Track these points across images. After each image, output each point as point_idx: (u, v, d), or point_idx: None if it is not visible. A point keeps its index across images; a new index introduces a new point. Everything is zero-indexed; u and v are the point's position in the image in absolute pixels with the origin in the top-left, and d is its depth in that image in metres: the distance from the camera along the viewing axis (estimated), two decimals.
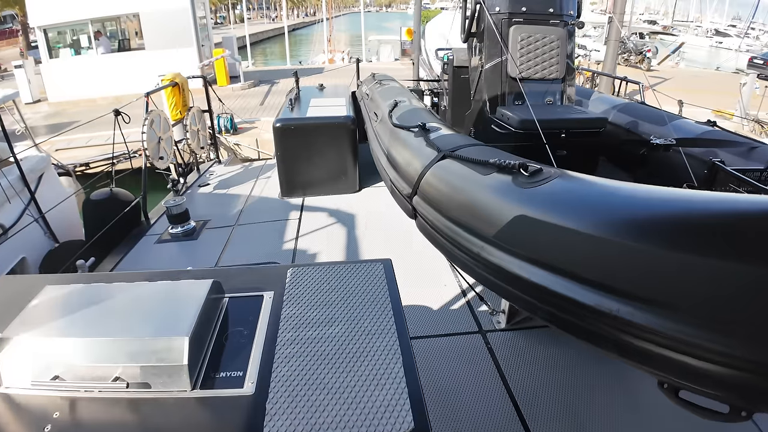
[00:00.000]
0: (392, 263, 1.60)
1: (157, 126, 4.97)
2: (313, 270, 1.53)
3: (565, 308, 1.60)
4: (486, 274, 2.03)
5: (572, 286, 1.56)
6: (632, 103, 4.92)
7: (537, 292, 1.71)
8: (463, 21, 4.27)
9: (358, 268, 1.55)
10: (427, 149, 2.79)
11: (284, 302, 1.36)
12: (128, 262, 3.97)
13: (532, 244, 1.76)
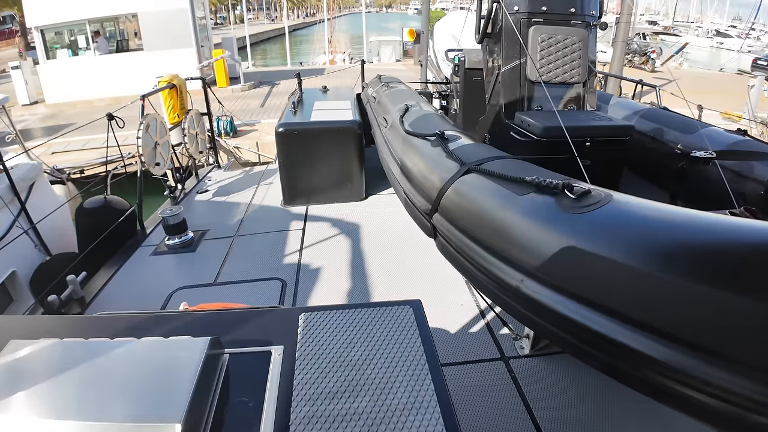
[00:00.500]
0: (421, 305, 1.35)
1: (153, 130, 4.73)
2: (329, 316, 1.29)
3: (623, 356, 1.39)
4: (520, 307, 1.80)
5: (636, 335, 1.33)
6: (655, 108, 4.67)
7: (585, 335, 1.49)
8: (478, 21, 4.03)
9: (382, 313, 1.31)
10: (447, 161, 2.55)
11: (297, 361, 1.13)
12: (122, 276, 3.73)
13: (583, 280, 1.52)
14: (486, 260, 1.95)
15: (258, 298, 3.27)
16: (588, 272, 1.51)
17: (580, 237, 1.58)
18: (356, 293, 3.34)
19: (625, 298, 1.38)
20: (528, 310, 1.74)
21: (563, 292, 1.56)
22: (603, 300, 1.43)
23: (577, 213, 1.67)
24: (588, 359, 1.57)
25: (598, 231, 1.57)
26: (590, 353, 1.53)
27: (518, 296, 1.76)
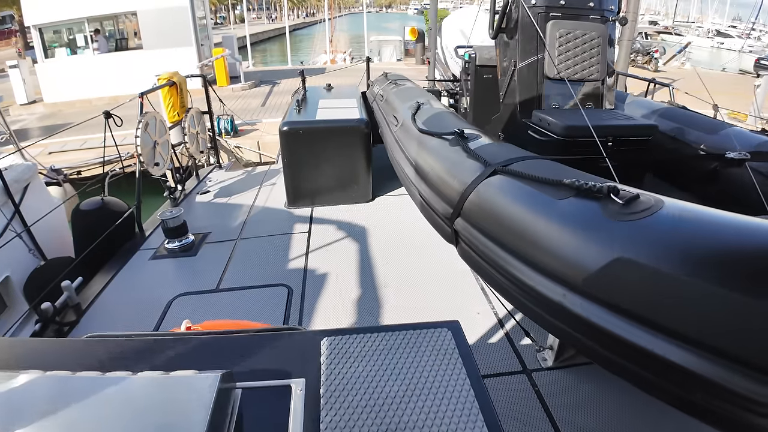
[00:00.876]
0: (459, 325, 1.19)
1: (152, 129, 4.55)
2: (356, 341, 1.11)
3: (681, 379, 1.29)
4: (559, 322, 1.65)
5: (694, 355, 1.23)
6: (674, 108, 4.49)
7: (638, 354, 1.36)
8: (492, 16, 3.85)
9: (416, 337, 1.13)
10: (469, 162, 2.36)
11: (323, 398, 0.95)
12: (119, 281, 3.55)
13: (638, 295, 1.38)
14: (520, 271, 1.78)
15: (263, 306, 3.10)
16: (644, 287, 1.36)
17: (633, 247, 1.43)
18: (366, 302, 3.17)
19: (685, 316, 1.26)
20: (569, 325, 1.60)
21: (613, 307, 1.42)
22: (659, 318, 1.31)
23: (627, 220, 1.51)
24: (638, 381, 1.45)
25: (652, 241, 1.42)
26: (641, 374, 1.41)
27: (559, 311, 1.60)
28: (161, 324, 2.95)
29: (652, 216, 1.48)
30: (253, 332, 1.22)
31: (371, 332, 1.14)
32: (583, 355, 1.69)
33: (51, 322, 2.98)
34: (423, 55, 20.24)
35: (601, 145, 3.12)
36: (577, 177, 1.83)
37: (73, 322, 3.05)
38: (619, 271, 1.43)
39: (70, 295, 3.24)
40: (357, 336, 1.13)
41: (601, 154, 2.93)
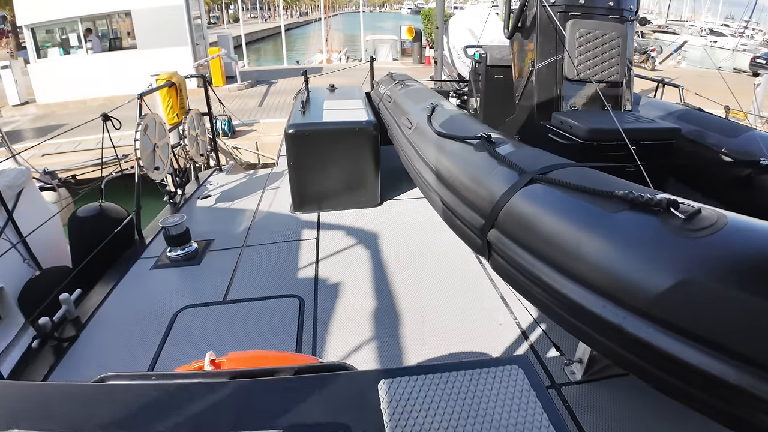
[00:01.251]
0: (530, 361, 1.04)
1: (151, 132, 4.37)
2: (417, 384, 0.96)
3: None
4: (615, 346, 1.54)
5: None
6: (691, 110, 4.36)
7: (707, 382, 1.30)
8: (507, 15, 3.71)
9: (484, 378, 0.98)
10: (501, 168, 2.22)
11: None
12: (120, 292, 3.37)
13: (708, 319, 1.29)
14: (570, 289, 1.66)
15: (274, 319, 2.93)
16: (715, 309, 1.28)
17: (701, 267, 1.34)
18: (384, 314, 3.01)
19: (759, 341, 1.21)
20: (626, 347, 1.50)
21: (679, 330, 1.34)
22: (731, 342, 1.25)
23: (691, 237, 1.42)
24: (702, 406, 1.40)
25: (721, 260, 1.33)
26: (707, 399, 1.35)
27: (616, 332, 1.49)
28: (167, 339, 2.78)
29: (718, 233, 1.39)
30: (297, 373, 1.06)
31: (433, 372, 1.00)
32: (639, 377, 1.57)
33: (49, 338, 2.80)
34: (420, 54, 20.12)
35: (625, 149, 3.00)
36: (627, 188, 1.73)
37: (72, 338, 2.87)
38: (687, 293, 1.34)
39: (68, 309, 3.06)
40: (418, 378, 0.98)
41: (626, 158, 2.82)
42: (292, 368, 1.10)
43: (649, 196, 1.59)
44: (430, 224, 4.16)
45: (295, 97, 5.88)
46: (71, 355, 2.72)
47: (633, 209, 1.63)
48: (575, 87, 3.56)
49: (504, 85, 4.58)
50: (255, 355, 1.46)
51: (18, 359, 2.77)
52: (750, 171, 3.15)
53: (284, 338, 2.74)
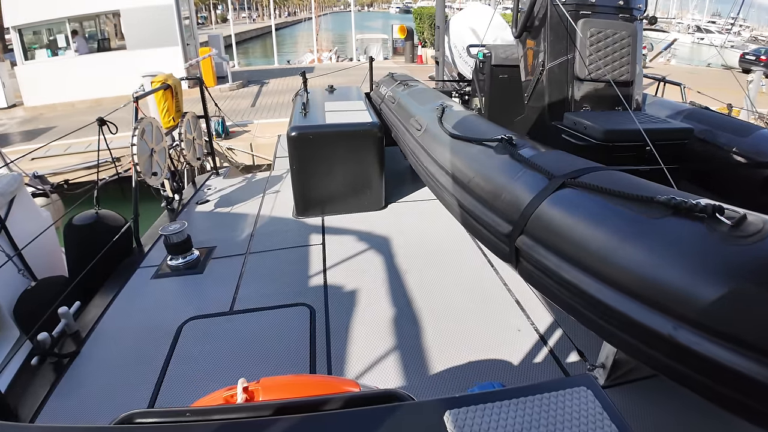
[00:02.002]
0: (594, 380, 0.97)
1: (148, 136, 4.24)
2: (485, 414, 0.87)
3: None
4: (661, 355, 1.51)
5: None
6: (699, 109, 4.31)
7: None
8: (516, 15, 3.64)
9: (552, 401, 0.91)
10: (527, 173, 2.14)
11: None
12: (121, 304, 3.23)
13: (756, 328, 1.27)
14: (613, 299, 1.61)
15: (285, 330, 2.82)
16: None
17: (753, 275, 1.32)
18: (399, 321, 2.92)
19: None
20: (675, 359, 1.46)
21: (733, 341, 1.31)
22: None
23: (739, 244, 1.38)
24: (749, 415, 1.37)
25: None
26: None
27: (664, 343, 1.46)
28: (173, 352, 2.66)
29: (767, 239, 1.37)
30: (348, 403, 0.96)
31: (500, 399, 0.92)
32: (684, 384, 1.52)
33: (49, 354, 2.67)
34: (412, 53, 20.04)
35: (640, 149, 2.94)
36: (666, 192, 1.70)
37: (73, 353, 2.73)
38: (740, 301, 1.32)
39: (68, 322, 2.92)
40: (485, 407, 0.90)
41: (639, 158, 2.78)
42: (342, 398, 1.00)
43: (693, 201, 1.55)
44: (436, 228, 4.07)
45: (293, 98, 5.75)
46: (72, 373, 2.59)
47: (676, 215, 1.59)
48: (586, 87, 3.49)
49: (509, 85, 4.51)
50: (291, 381, 1.36)
51: (14, 375, 2.65)
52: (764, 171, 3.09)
53: (297, 351, 2.64)
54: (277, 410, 0.92)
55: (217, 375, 2.48)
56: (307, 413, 0.90)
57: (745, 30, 41.86)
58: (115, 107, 4.51)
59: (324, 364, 2.53)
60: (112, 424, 0.93)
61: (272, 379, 1.23)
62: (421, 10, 22.63)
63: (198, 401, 1.23)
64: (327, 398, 0.99)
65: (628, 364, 2.34)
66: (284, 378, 1.34)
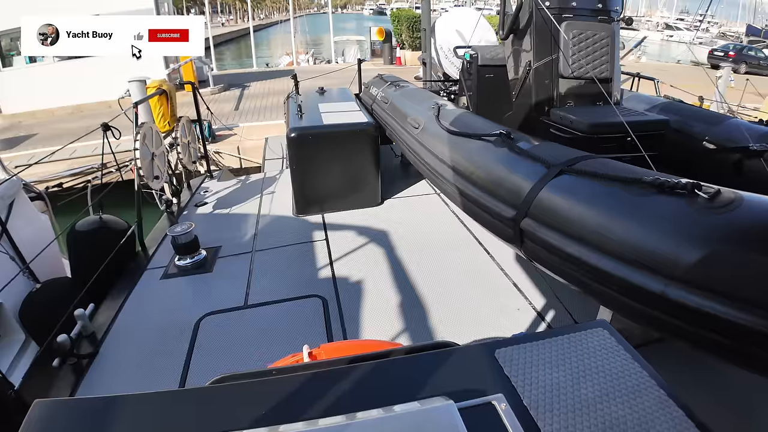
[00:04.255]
0: (609, 324, 1.18)
1: (149, 140, 4.34)
2: (526, 351, 1.07)
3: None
4: (657, 312, 1.75)
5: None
6: (672, 102, 4.61)
7: (744, 335, 1.51)
8: (502, 17, 3.85)
9: (577, 340, 1.11)
10: (526, 162, 2.37)
11: (532, 411, 0.91)
12: (133, 305, 3.32)
13: (740, 281, 1.53)
14: (611, 267, 1.86)
15: (300, 320, 2.98)
16: (746, 272, 1.52)
17: (728, 239, 1.61)
18: (408, 306, 3.11)
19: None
20: (668, 313, 1.71)
21: (715, 294, 1.55)
22: (760, 297, 1.47)
23: (717, 214, 1.66)
24: (748, 361, 1.62)
25: (749, 231, 1.60)
26: (747, 353, 1.57)
27: (656, 301, 1.70)
28: (194, 346, 2.78)
29: (737, 210, 1.64)
30: (409, 353, 1.13)
31: (535, 339, 1.10)
32: (681, 341, 1.76)
33: (69, 356, 2.72)
34: (391, 55, 20.21)
35: (621, 140, 3.19)
36: (650, 175, 1.96)
37: (91, 354, 2.79)
38: (719, 260, 1.57)
39: (84, 324, 2.96)
40: (526, 345, 1.08)
41: (620, 148, 3.04)
42: (403, 349, 1.17)
43: (675, 180, 1.81)
44: (432, 220, 4.28)
45: (285, 101, 5.88)
46: (93, 373, 2.66)
47: (661, 193, 1.84)
48: (569, 84, 3.71)
49: (495, 84, 4.72)
50: (347, 345, 1.52)
51: (31, 377, 2.70)
52: (739, 156, 3.35)
53: (315, 337, 2.79)
54: (349, 362, 1.08)
55: (243, 362, 2.60)
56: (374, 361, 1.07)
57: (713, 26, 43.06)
58: (96, 113, 4.59)
59: None
60: (207, 385, 1.07)
61: (330, 345, 1.39)
62: (399, 12, 22.78)
63: (269, 366, 1.38)
64: (391, 350, 1.16)
65: (621, 333, 2.57)
66: (340, 343, 1.50)
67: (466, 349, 1.12)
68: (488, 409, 0.89)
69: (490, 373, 1.00)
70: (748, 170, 3.29)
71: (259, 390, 0.98)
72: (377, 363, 1.05)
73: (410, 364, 1.06)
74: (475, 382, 0.98)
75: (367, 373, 1.01)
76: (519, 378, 0.98)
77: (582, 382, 0.97)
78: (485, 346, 1.08)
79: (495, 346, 1.07)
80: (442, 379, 0.99)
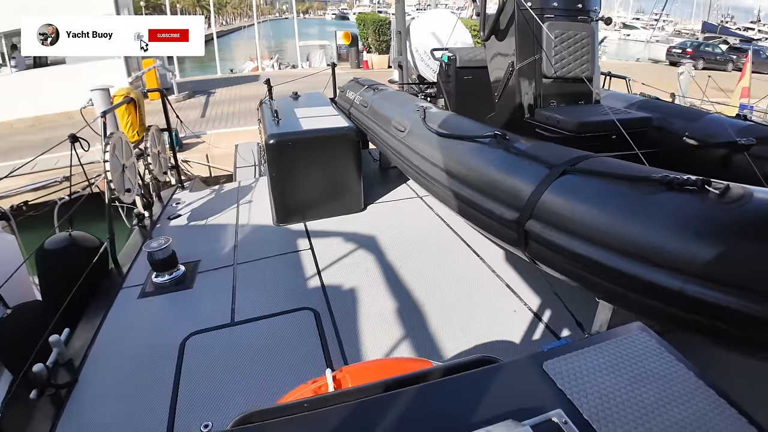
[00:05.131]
0: (645, 326, 1.14)
1: (119, 151, 4.13)
2: (573, 360, 1.02)
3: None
4: (674, 309, 1.74)
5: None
6: (649, 99, 4.67)
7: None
8: (483, 19, 3.81)
9: (619, 345, 1.08)
10: (527, 164, 2.33)
11: (595, 424, 0.87)
12: (111, 327, 3.09)
13: (752, 273, 1.55)
14: (624, 266, 1.84)
15: (294, 335, 2.84)
16: (761, 265, 1.54)
17: (747, 232, 1.61)
18: (403, 314, 3.01)
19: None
20: (686, 309, 1.69)
21: (733, 288, 1.55)
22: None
23: (730, 209, 1.66)
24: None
25: (764, 224, 1.60)
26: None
27: (674, 298, 1.69)
28: (181, 370, 2.61)
29: (748, 204, 1.65)
30: (447, 373, 1.05)
31: (577, 348, 1.05)
32: (698, 335, 1.74)
33: (47, 386, 2.49)
34: (358, 59, 20.15)
35: (606, 138, 3.19)
36: (657, 173, 1.95)
37: (70, 383, 2.57)
38: (740, 255, 1.59)
39: (60, 351, 2.74)
40: (571, 355, 1.03)
41: (605, 146, 3.01)
42: (441, 369, 1.08)
43: (684, 177, 1.80)
44: (418, 225, 4.21)
45: (258, 106, 5.72)
46: (74, 403, 2.45)
47: (670, 190, 1.82)
48: (553, 84, 3.70)
49: (474, 86, 4.69)
50: (371, 366, 1.42)
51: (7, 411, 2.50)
52: (726, 151, 3.38)
53: (311, 353, 2.67)
54: (386, 388, 0.99)
55: (237, 386, 2.45)
56: (416, 385, 0.98)
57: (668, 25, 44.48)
58: (57, 125, 4.38)
59: (340, 362, 2.58)
60: (230, 428, 0.96)
61: (353, 367, 1.29)
62: (364, 16, 22.77)
63: (284, 398, 1.27)
64: (429, 370, 1.07)
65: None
66: (363, 364, 1.40)
67: (513, 365, 1.06)
68: (551, 427, 0.83)
69: (542, 388, 0.95)
70: (736, 165, 3.32)
71: (297, 430, 0.87)
72: (420, 388, 0.96)
73: (456, 385, 0.98)
74: (530, 400, 0.92)
75: (412, 399, 0.92)
76: (573, 390, 0.93)
77: (636, 389, 0.93)
78: (531, 359, 1.03)
79: (541, 357, 1.02)
80: (494, 399, 0.93)
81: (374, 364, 1.46)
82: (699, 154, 3.65)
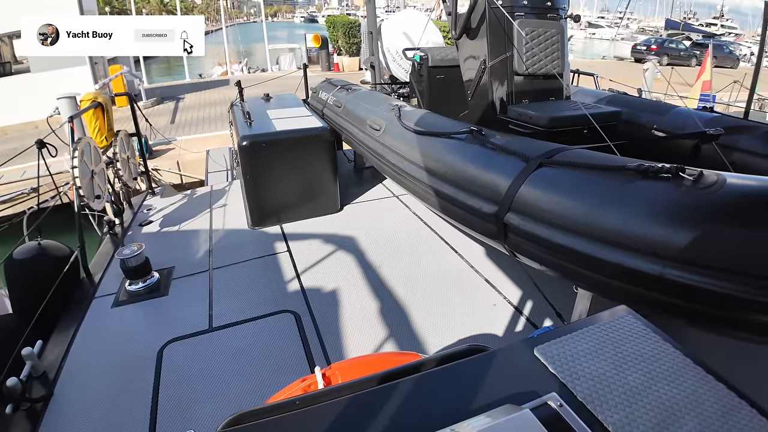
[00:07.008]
0: (631, 309, 1.17)
1: (88, 157, 4.03)
2: (562, 345, 1.04)
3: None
4: (656, 294, 1.78)
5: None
6: (617, 94, 4.80)
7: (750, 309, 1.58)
8: (454, 18, 3.84)
9: (605, 328, 1.10)
10: (503, 158, 2.36)
11: (589, 406, 0.88)
12: (85, 338, 3.00)
13: (729, 255, 1.60)
14: (604, 254, 1.88)
15: (275, 339, 2.81)
16: (738, 248, 1.59)
17: (721, 215, 1.66)
18: (383, 311, 3.02)
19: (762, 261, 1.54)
20: (666, 293, 1.74)
21: (711, 269, 1.60)
22: (754, 269, 1.53)
23: (705, 194, 1.71)
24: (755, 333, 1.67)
25: (736, 207, 1.66)
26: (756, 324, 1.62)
27: (654, 282, 1.73)
28: (161, 379, 2.56)
29: (724, 188, 1.69)
30: (441, 363, 1.05)
31: (569, 332, 1.07)
32: (681, 318, 1.77)
33: (22, 401, 2.41)
34: (328, 61, 20.07)
35: (578, 133, 3.26)
36: (631, 162, 1.99)
37: (46, 396, 2.49)
38: (716, 237, 1.64)
39: (34, 364, 2.65)
40: (561, 339, 1.05)
41: (577, 140, 3.05)
42: (434, 359, 1.08)
43: (659, 165, 1.85)
44: (394, 224, 4.22)
45: (229, 109, 5.65)
46: (50, 417, 2.38)
47: (646, 178, 1.87)
48: (525, 81, 3.75)
49: (447, 84, 4.72)
50: (360, 362, 1.41)
51: None
52: (695, 142, 3.47)
53: (292, 355, 2.65)
54: (380, 381, 0.98)
55: (219, 391, 2.41)
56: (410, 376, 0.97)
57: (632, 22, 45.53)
58: (23, 134, 4.26)
59: (323, 363, 2.56)
60: (220, 430, 0.94)
61: (342, 364, 1.28)
62: (333, 18, 22.70)
63: (273, 398, 1.25)
64: (421, 362, 1.06)
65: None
66: (352, 360, 1.39)
67: (504, 351, 1.07)
68: (547, 411, 0.85)
69: (536, 372, 0.96)
70: (704, 155, 3.41)
71: (290, 428, 0.86)
72: (416, 378, 0.96)
73: (450, 375, 0.98)
74: (524, 384, 0.93)
75: (408, 390, 0.92)
76: (566, 373, 0.94)
77: (626, 370, 0.96)
78: (523, 344, 1.04)
79: (532, 343, 1.03)
80: (490, 386, 0.94)
81: (364, 360, 1.45)
82: (667, 146, 3.74)
